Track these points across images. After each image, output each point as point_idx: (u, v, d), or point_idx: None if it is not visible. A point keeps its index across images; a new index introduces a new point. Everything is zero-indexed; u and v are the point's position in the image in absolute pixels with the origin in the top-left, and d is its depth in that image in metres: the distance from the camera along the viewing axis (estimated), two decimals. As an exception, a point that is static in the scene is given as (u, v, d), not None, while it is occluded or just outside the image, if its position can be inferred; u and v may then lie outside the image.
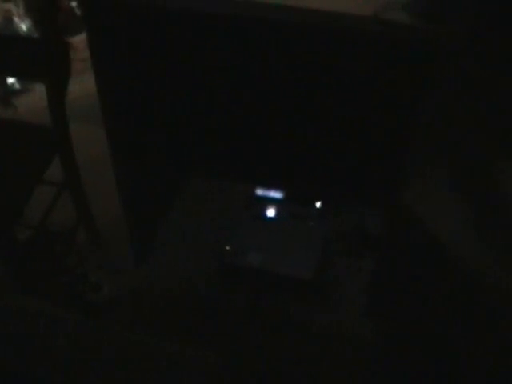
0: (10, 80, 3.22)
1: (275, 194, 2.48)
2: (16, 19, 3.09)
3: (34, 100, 3.23)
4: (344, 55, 1.75)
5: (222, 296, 2.31)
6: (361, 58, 1.74)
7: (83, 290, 2.38)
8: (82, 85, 3.09)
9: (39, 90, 3.23)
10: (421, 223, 2.65)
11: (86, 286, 2.40)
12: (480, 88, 3.15)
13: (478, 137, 3.00)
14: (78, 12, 3.39)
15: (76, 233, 2.53)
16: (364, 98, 1.83)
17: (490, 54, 3.18)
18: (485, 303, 2.41)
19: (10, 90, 3.24)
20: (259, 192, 2.49)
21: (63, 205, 2.40)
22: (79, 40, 3.29)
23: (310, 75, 1.84)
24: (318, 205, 2.44)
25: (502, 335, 2.30)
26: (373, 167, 2.00)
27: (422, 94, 1.76)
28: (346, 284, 2.28)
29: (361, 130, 1.91)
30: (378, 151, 1.95)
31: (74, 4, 3.35)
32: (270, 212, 2.43)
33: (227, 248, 2.31)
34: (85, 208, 2.49)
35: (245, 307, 2.26)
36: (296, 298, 2.27)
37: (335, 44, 1.74)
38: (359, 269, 2.30)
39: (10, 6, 3.11)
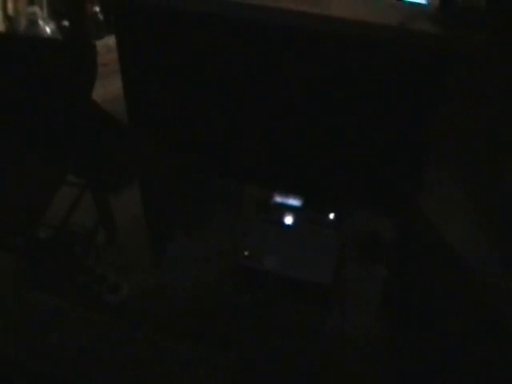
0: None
1: (292, 201, 2.50)
2: (41, 22, 3.11)
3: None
4: (369, 64, 1.78)
5: (238, 298, 2.33)
6: (385, 68, 1.76)
7: (101, 290, 2.40)
8: (104, 89, 3.11)
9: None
10: (433, 230, 2.65)
11: (104, 286, 2.41)
12: (497, 96, 3.17)
13: (493, 146, 3.01)
14: (100, 17, 3.43)
15: (96, 233, 2.55)
16: (381, 106, 1.86)
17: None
18: (499, 311, 2.41)
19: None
20: (277, 198, 2.51)
21: (84, 205, 2.43)
22: (101, 44, 3.33)
23: (332, 84, 1.87)
24: (333, 212, 2.46)
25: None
26: (387, 175, 2.03)
27: (438, 102, 1.78)
28: (360, 289, 2.30)
29: (376, 138, 1.94)
30: (392, 159, 1.98)
31: (97, 9, 3.39)
32: (287, 218, 2.45)
33: (245, 253, 2.33)
34: (105, 209, 2.52)
35: (259, 310, 2.28)
36: (311, 303, 2.30)
37: (361, 53, 1.76)
38: (373, 274, 2.32)
39: (35, 9, 3.13)
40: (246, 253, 2.33)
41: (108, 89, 3.11)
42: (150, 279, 2.42)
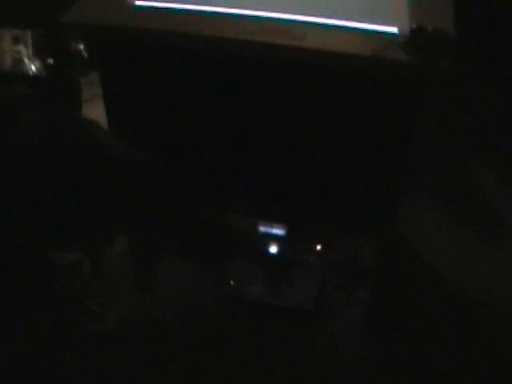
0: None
1: (277, 231, 2.53)
2: (26, 60, 3.15)
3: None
4: (343, 93, 1.83)
5: (222, 327, 2.34)
6: (359, 95, 1.81)
7: (86, 321, 2.41)
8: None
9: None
10: (415, 254, 2.68)
11: (89, 316, 2.42)
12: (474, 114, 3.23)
13: (475, 165, 3.06)
14: (85, 55, 3.47)
15: (82, 264, 2.55)
16: (360, 133, 1.91)
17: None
18: (484, 331, 2.43)
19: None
20: (261, 228, 2.54)
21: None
22: (85, 81, 3.37)
23: (308, 112, 1.93)
24: (316, 240, 2.49)
25: (504, 363, 2.33)
26: (368, 201, 2.08)
27: (416, 127, 1.83)
28: (344, 314, 2.32)
29: (353, 165, 2.00)
30: (373, 186, 2.04)
31: (81, 47, 3.43)
32: (272, 248, 2.48)
33: (231, 282, 2.35)
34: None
35: (244, 339, 2.30)
36: (295, 328, 2.31)
37: (335, 82, 1.82)
38: (356, 299, 2.34)
39: (20, 47, 3.18)
40: (231, 282, 2.35)
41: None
42: (136, 309, 2.43)
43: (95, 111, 3.13)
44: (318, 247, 2.46)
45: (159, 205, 1.96)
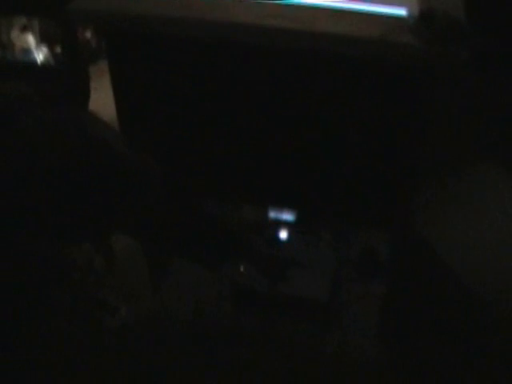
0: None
1: (287, 217, 2.51)
2: (33, 49, 3.15)
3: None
4: (353, 78, 1.80)
5: (235, 320, 2.33)
6: (369, 81, 1.79)
7: (101, 315, 2.40)
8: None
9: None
10: (431, 248, 2.66)
11: (103, 310, 2.42)
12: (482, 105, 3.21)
13: (486, 158, 3.04)
14: (92, 43, 3.47)
15: (94, 257, 2.55)
16: (373, 120, 1.88)
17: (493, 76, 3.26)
18: (499, 329, 2.41)
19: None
20: (272, 214, 2.51)
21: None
22: (93, 70, 3.37)
23: (318, 98, 1.91)
24: (329, 230, 2.47)
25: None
26: (384, 192, 2.05)
27: (426, 116, 1.82)
28: (357, 307, 2.30)
29: (373, 154, 1.96)
30: (390, 175, 2.00)
31: (89, 35, 3.43)
32: (283, 234, 2.46)
33: (241, 270, 2.34)
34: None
35: (257, 330, 2.28)
36: (306, 321, 2.30)
37: (344, 67, 1.79)
38: (370, 292, 2.32)
39: (28, 36, 3.17)
40: (242, 269, 2.34)
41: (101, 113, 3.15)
42: (150, 302, 2.42)
43: (104, 99, 3.14)
44: (333, 237, 2.45)
45: (166, 197, 1.95)
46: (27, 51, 3.13)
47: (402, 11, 1.69)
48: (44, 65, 3.06)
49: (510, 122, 3.24)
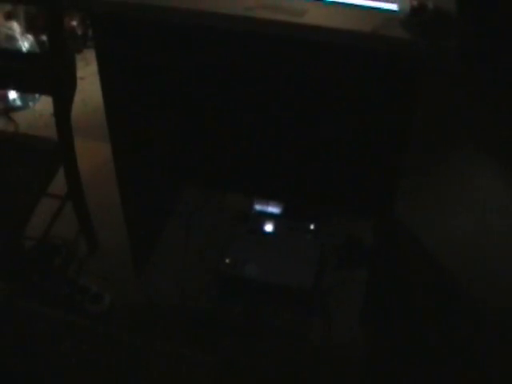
0: (12, 96, 3.27)
1: (272, 209, 2.53)
2: (18, 36, 3.14)
3: (34, 117, 3.27)
4: (341, 71, 1.81)
5: (220, 307, 2.34)
6: (358, 74, 1.80)
7: (84, 301, 2.41)
8: (83, 103, 3.16)
9: (39, 108, 3.30)
10: (413, 235, 2.70)
11: (86, 296, 2.42)
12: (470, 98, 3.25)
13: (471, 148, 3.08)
14: (78, 31, 3.45)
15: (77, 244, 2.55)
16: (359, 112, 1.91)
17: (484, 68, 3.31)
18: (480, 313, 2.46)
19: (11, 107, 3.28)
20: (257, 206, 2.53)
21: (63, 217, 2.43)
22: (79, 58, 3.36)
23: (306, 91, 1.92)
24: (313, 218, 2.49)
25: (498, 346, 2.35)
26: (367, 180, 2.07)
27: (414, 107, 1.83)
28: (341, 294, 2.34)
29: (355, 143, 1.99)
30: (371, 164, 2.02)
31: (74, 23, 3.41)
32: (268, 226, 2.48)
33: (226, 261, 2.35)
34: (86, 220, 2.53)
35: (242, 318, 2.30)
36: (292, 309, 2.33)
37: (334, 60, 1.80)
38: (353, 279, 2.36)
39: (13, 23, 3.16)
40: (227, 260, 2.35)
41: (87, 102, 3.15)
42: (133, 289, 2.43)
43: (90, 88, 3.14)
44: (316, 226, 2.46)
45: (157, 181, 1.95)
46: (12, 38, 3.12)
47: (393, 5, 1.69)
48: (29, 52, 3.06)
49: (496, 113, 3.28)
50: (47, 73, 2.14)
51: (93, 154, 2.80)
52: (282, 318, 2.30)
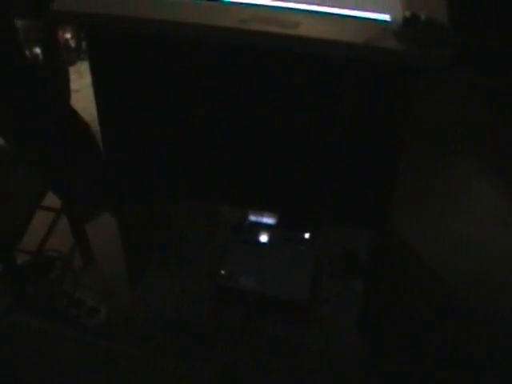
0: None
1: (267, 220, 2.53)
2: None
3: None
4: (335, 82, 1.82)
5: (216, 319, 2.34)
6: (352, 85, 1.80)
7: (80, 314, 2.40)
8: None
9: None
10: (409, 246, 2.70)
11: (82, 310, 2.41)
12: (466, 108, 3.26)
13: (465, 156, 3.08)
14: (72, 44, 3.46)
15: (73, 258, 2.55)
16: (353, 121, 1.89)
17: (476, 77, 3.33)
18: (478, 322, 2.46)
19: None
20: (252, 217, 2.53)
21: (59, 230, 2.45)
22: (73, 70, 3.36)
23: (300, 102, 1.91)
24: (308, 229, 2.50)
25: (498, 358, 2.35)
26: (363, 192, 2.05)
27: (409, 117, 1.83)
28: (338, 305, 2.34)
29: (350, 154, 1.97)
30: (368, 176, 2.01)
31: (68, 36, 3.42)
32: (263, 237, 2.48)
33: (222, 272, 2.35)
34: (81, 233, 2.53)
35: (238, 330, 2.30)
36: (288, 320, 2.32)
37: (327, 71, 1.81)
38: (350, 289, 2.36)
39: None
40: (223, 272, 2.35)
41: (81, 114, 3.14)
42: (129, 302, 2.42)
43: (84, 101, 3.13)
44: (311, 236, 2.46)
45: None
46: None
47: (386, 16, 1.70)
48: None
49: (490, 119, 3.30)
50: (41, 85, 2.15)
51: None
52: (279, 329, 2.30)
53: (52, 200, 2.36)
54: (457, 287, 2.59)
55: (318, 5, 1.78)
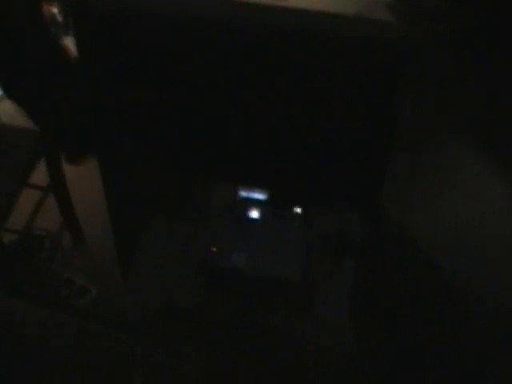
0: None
1: (258, 196, 2.49)
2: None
3: (16, 107, 3.22)
4: (326, 56, 1.78)
5: (207, 301, 2.31)
6: (342, 59, 1.76)
7: (69, 294, 2.37)
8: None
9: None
10: (401, 226, 2.68)
11: (72, 289, 2.39)
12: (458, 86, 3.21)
13: (456, 137, 3.05)
14: (59, 18, 3.39)
15: (61, 237, 2.52)
16: (345, 100, 1.86)
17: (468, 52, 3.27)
18: (469, 306, 2.46)
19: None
20: (242, 193, 2.50)
21: (49, 209, 2.42)
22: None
23: (291, 79, 1.87)
24: (300, 207, 2.45)
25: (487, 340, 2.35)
26: (355, 170, 2.04)
27: (401, 95, 1.79)
28: (329, 285, 2.30)
29: (343, 133, 1.94)
30: (360, 155, 1.99)
31: (55, 10, 3.35)
32: (254, 213, 2.44)
33: (213, 249, 2.32)
34: (70, 212, 2.50)
35: (230, 313, 2.28)
36: (279, 300, 2.29)
37: (318, 44, 1.76)
38: (341, 270, 2.32)
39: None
40: (214, 249, 2.32)
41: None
42: (119, 283, 2.38)
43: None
44: (303, 213, 2.44)
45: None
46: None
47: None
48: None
49: (483, 100, 3.26)
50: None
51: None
52: (270, 313, 2.27)
53: (39, 178, 2.33)
54: (449, 270, 2.57)
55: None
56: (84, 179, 2.64)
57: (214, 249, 2.32)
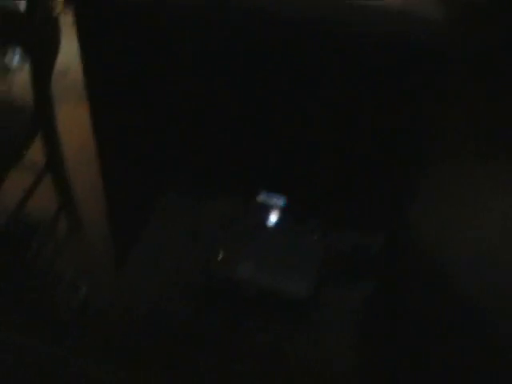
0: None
1: (276, 201, 2.35)
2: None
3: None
4: (350, 64, 1.67)
5: (203, 316, 2.15)
6: (368, 67, 1.64)
7: (58, 291, 2.29)
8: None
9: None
10: (421, 249, 2.55)
11: (61, 286, 2.30)
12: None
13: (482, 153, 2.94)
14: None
15: (56, 223, 2.45)
16: (369, 107, 1.75)
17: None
18: (488, 333, 2.30)
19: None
20: (259, 198, 2.35)
21: (43, 194, 2.35)
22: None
23: (321, 81, 1.76)
24: (319, 216, 2.30)
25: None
26: (376, 188, 1.98)
27: (432, 106, 1.70)
28: (337, 307, 2.16)
29: (365, 147, 1.86)
30: (381, 171, 1.92)
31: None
32: (269, 220, 2.28)
33: (218, 256, 2.15)
34: (67, 196, 2.42)
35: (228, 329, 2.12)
36: (285, 316, 2.14)
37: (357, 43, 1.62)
38: (354, 290, 2.19)
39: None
40: (220, 255, 2.14)
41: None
42: (111, 283, 2.28)
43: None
44: (322, 224, 2.25)
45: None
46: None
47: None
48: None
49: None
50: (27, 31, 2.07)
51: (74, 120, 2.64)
52: (270, 329, 2.10)
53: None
54: (475, 290, 2.38)
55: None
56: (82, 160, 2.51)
57: (220, 255, 2.15)
